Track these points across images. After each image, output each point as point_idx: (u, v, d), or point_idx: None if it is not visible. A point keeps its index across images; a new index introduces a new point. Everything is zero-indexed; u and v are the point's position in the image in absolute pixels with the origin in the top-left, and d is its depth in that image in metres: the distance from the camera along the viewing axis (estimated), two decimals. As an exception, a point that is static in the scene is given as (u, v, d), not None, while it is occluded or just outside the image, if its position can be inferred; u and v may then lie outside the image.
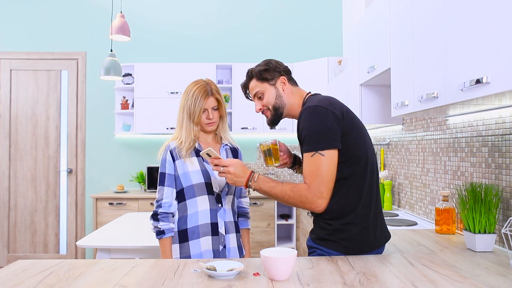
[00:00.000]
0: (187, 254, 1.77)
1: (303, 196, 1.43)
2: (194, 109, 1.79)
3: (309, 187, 1.43)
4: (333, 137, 1.43)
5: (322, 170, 1.41)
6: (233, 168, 1.52)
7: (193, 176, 1.79)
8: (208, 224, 1.79)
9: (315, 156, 1.42)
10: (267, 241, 4.22)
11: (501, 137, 1.80)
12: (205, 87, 1.82)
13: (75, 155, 4.82)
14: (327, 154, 1.42)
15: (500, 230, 1.76)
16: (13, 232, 4.74)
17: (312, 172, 1.43)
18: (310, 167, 1.44)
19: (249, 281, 1.20)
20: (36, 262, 1.41)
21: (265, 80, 1.65)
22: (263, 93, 1.65)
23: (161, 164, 1.83)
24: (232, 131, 4.51)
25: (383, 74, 2.40)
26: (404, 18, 2.03)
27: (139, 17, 4.81)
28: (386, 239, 1.58)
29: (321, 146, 1.42)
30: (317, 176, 1.42)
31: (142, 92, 4.51)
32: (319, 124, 1.44)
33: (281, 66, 1.68)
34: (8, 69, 4.80)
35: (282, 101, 1.64)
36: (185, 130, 1.82)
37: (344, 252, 1.49)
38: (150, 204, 4.23)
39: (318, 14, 4.90)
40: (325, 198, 1.43)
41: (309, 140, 1.45)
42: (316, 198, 1.42)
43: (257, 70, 1.66)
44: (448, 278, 1.20)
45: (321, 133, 1.43)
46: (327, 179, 1.42)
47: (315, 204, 1.43)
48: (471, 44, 1.42)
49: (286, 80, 1.65)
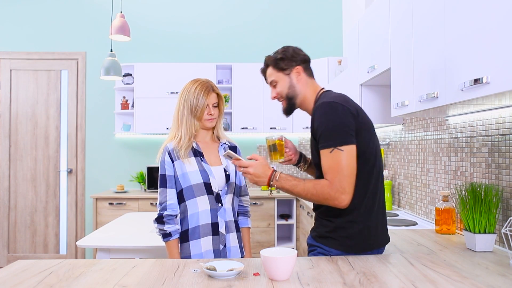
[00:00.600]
0: (188, 254, 1.77)
1: (326, 193, 1.42)
2: (197, 104, 1.81)
3: (331, 183, 1.41)
4: (350, 133, 1.43)
5: (342, 165, 1.40)
6: (253, 169, 1.51)
7: (191, 177, 1.79)
8: (208, 224, 1.79)
9: (334, 152, 1.41)
10: (267, 241, 4.22)
11: (501, 137, 1.80)
12: (207, 84, 1.85)
13: (75, 155, 4.82)
14: (346, 149, 1.41)
15: (500, 230, 1.76)
16: (13, 232, 4.74)
17: (332, 168, 1.42)
18: (330, 163, 1.42)
19: (249, 281, 1.20)
20: (36, 262, 1.41)
21: (280, 69, 1.63)
22: (277, 82, 1.64)
23: (161, 166, 1.83)
24: (232, 131, 4.51)
25: (383, 74, 2.40)
26: (404, 18, 2.03)
27: (139, 17, 4.81)
28: (386, 241, 1.58)
29: (339, 142, 1.41)
30: (338, 171, 1.40)
31: (142, 92, 4.51)
32: (336, 120, 1.43)
33: (298, 55, 1.63)
34: (8, 69, 4.80)
35: (295, 91, 1.63)
36: (185, 126, 1.82)
37: (344, 250, 1.49)
38: (150, 204, 4.23)
39: (318, 14, 4.90)
40: (348, 193, 1.41)
41: (327, 136, 1.44)
42: (339, 194, 1.40)
43: (273, 58, 1.64)
44: (448, 278, 1.20)
45: (338, 128, 1.42)
46: (348, 173, 1.41)
47: (339, 200, 1.41)
48: (471, 44, 1.42)
49: (302, 70, 1.63)
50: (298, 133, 4.63)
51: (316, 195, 1.44)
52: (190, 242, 1.77)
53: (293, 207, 4.34)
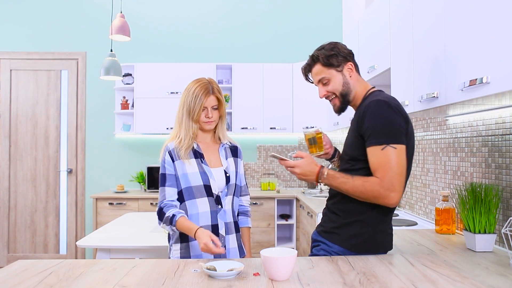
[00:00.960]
0: (187, 255, 1.76)
1: (375, 191, 1.39)
2: (194, 106, 1.77)
3: (381, 181, 1.38)
4: (402, 133, 1.41)
5: (393, 163, 1.38)
6: (299, 169, 1.50)
7: (191, 178, 1.78)
8: (208, 226, 1.77)
9: (386, 149, 1.39)
10: (267, 241, 4.22)
11: (501, 137, 1.80)
12: (207, 85, 1.79)
13: (75, 155, 4.82)
14: (399, 147, 1.39)
15: (500, 230, 1.76)
16: (13, 232, 4.74)
17: (383, 165, 1.39)
18: (381, 160, 1.40)
19: (249, 281, 1.20)
20: (36, 262, 1.41)
21: (331, 66, 1.56)
22: (329, 80, 1.58)
23: (161, 166, 1.83)
24: (232, 131, 4.51)
25: (383, 74, 2.40)
26: (404, 18, 2.03)
27: (139, 17, 4.81)
28: (390, 248, 1.57)
29: (392, 140, 1.39)
30: (389, 169, 1.38)
31: (142, 92, 4.51)
32: (391, 119, 1.41)
33: (346, 50, 1.59)
34: (8, 69, 4.80)
35: (349, 88, 1.58)
36: (184, 128, 1.80)
37: (347, 248, 1.49)
38: (150, 204, 4.23)
39: (318, 14, 4.90)
40: (398, 192, 1.39)
41: (379, 133, 1.41)
42: (389, 192, 1.38)
43: (323, 55, 1.56)
44: (448, 278, 1.20)
45: (392, 127, 1.40)
46: (398, 171, 1.38)
47: (388, 198, 1.39)
48: (471, 44, 1.42)
49: (353, 67, 1.59)
50: (298, 133, 4.63)
51: (365, 193, 1.41)
52: (190, 243, 1.77)
53: (293, 207, 4.34)
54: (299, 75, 4.49)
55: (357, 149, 1.49)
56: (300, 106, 4.45)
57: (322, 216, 1.64)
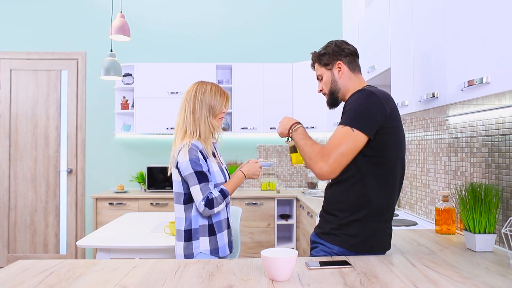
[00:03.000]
0: (216, 246, 1.93)
1: (313, 153, 1.47)
2: (215, 103, 1.95)
3: (322, 148, 1.46)
4: (371, 125, 1.43)
5: (342, 141, 1.42)
6: (282, 119, 1.67)
7: (217, 176, 1.94)
8: (226, 219, 2.01)
9: (345, 128, 1.43)
10: (267, 241, 4.22)
11: (501, 137, 1.80)
12: (224, 91, 2.01)
13: (75, 155, 4.82)
14: (357, 133, 1.42)
15: (500, 230, 1.76)
16: (13, 232, 4.74)
17: (333, 138, 1.45)
18: (335, 135, 1.45)
19: (250, 281, 1.20)
20: (36, 262, 1.42)
21: (323, 65, 1.68)
22: (322, 76, 1.69)
23: (194, 164, 1.85)
24: (232, 131, 4.51)
25: (383, 74, 2.40)
26: (404, 18, 2.04)
27: (139, 17, 4.81)
28: (388, 248, 1.57)
29: (356, 125, 1.42)
30: (335, 144, 1.43)
31: (142, 92, 4.51)
32: (365, 107, 1.44)
33: (341, 49, 1.64)
34: (8, 69, 4.80)
35: (337, 86, 1.65)
36: (204, 123, 1.93)
37: (347, 248, 1.49)
38: (150, 204, 4.23)
39: (318, 14, 4.90)
40: (329, 166, 1.42)
41: (349, 116, 1.46)
42: (321, 161, 1.43)
43: (316, 55, 1.71)
44: (449, 278, 1.20)
45: (363, 114, 1.43)
46: (342, 150, 1.42)
47: (318, 166, 1.44)
48: (471, 44, 1.42)
49: (343, 65, 1.63)
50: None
51: (308, 153, 1.49)
52: (217, 235, 1.94)
53: (293, 207, 4.34)
54: (299, 75, 4.49)
55: None
56: (300, 106, 4.45)
57: (319, 218, 1.64)
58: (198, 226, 1.91)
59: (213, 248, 1.92)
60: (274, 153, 4.85)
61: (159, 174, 4.43)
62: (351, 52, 1.64)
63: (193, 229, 1.91)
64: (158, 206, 4.24)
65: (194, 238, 1.91)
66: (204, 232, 1.91)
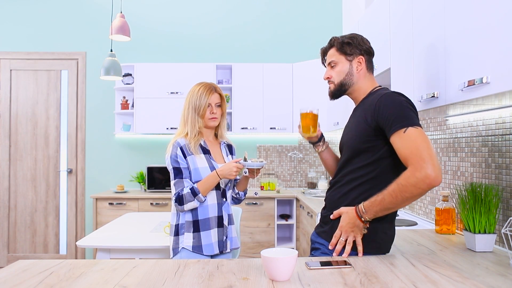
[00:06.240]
0: (199, 243, 1.92)
1: (412, 177, 1.29)
2: (200, 103, 1.98)
3: (411, 164, 1.31)
4: (418, 119, 1.39)
5: (419, 141, 1.32)
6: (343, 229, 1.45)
7: (202, 173, 1.95)
8: (215, 217, 1.99)
9: (408, 131, 1.35)
10: (267, 241, 4.22)
11: (501, 137, 1.80)
12: (210, 85, 2.05)
13: (75, 155, 4.82)
14: (419, 128, 1.36)
15: (500, 230, 1.76)
16: (13, 232, 4.74)
17: (409, 147, 1.33)
18: (405, 143, 1.34)
19: (250, 282, 1.20)
20: (36, 262, 1.41)
21: (343, 53, 1.60)
22: (337, 64, 1.61)
23: (172, 160, 1.96)
24: (232, 131, 4.51)
25: (383, 74, 2.40)
26: (404, 18, 2.04)
27: (139, 17, 4.81)
28: (387, 250, 1.57)
29: (411, 123, 1.36)
30: (416, 148, 1.31)
31: (142, 92, 4.51)
32: (406, 105, 1.40)
33: (365, 45, 1.61)
34: (8, 69, 4.80)
35: (351, 80, 1.60)
36: (190, 123, 1.99)
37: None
38: (150, 204, 4.23)
39: (318, 14, 4.90)
40: (433, 164, 1.28)
41: (398, 118, 1.37)
42: (424, 169, 1.28)
43: (340, 41, 1.62)
44: (450, 278, 1.20)
45: (409, 113, 1.39)
46: (426, 145, 1.32)
47: (427, 174, 1.27)
48: (471, 44, 1.42)
49: (363, 61, 1.60)
50: (298, 133, 4.62)
51: (405, 188, 1.31)
52: (201, 233, 1.93)
53: (293, 207, 4.34)
54: (299, 75, 4.49)
55: (364, 140, 1.47)
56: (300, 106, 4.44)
57: (321, 217, 1.64)
58: (184, 222, 1.97)
59: (196, 245, 1.93)
60: (274, 153, 4.85)
61: (159, 174, 4.43)
62: (372, 52, 1.64)
63: (180, 224, 1.98)
64: (158, 206, 4.24)
65: (180, 233, 1.97)
66: (189, 228, 1.96)
